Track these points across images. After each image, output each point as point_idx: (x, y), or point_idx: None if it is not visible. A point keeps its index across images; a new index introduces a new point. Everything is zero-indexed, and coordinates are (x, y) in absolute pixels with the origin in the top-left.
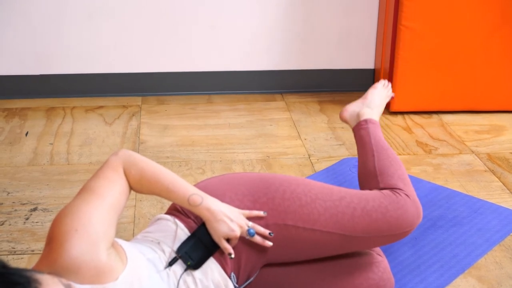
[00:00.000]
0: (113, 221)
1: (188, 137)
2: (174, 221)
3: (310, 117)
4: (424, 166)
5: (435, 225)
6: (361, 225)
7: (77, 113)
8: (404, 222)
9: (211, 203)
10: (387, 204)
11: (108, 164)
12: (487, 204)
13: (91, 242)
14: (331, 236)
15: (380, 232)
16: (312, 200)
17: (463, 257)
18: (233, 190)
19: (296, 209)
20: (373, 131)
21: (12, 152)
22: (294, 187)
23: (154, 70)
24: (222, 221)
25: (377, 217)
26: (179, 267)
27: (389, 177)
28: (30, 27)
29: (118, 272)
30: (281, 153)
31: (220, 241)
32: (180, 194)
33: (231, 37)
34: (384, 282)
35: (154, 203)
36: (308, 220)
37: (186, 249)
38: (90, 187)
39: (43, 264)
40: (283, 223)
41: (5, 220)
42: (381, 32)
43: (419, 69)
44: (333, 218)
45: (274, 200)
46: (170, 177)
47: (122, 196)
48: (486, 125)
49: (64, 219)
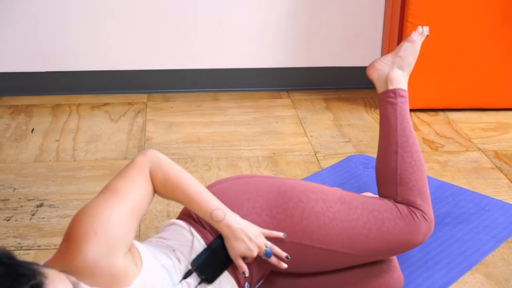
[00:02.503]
0: (134, 225)
1: (194, 134)
2: (190, 231)
3: (316, 115)
4: (431, 163)
5: (442, 222)
6: (374, 246)
7: (83, 110)
8: (414, 242)
9: (233, 220)
10: (402, 227)
11: (135, 164)
12: (494, 201)
13: (109, 247)
14: (344, 255)
15: (390, 251)
16: (330, 221)
17: (470, 253)
18: (251, 202)
19: (314, 230)
20: (400, 111)
21: (18, 149)
22: (312, 204)
23: (160, 67)
24: (242, 240)
25: (391, 239)
26: (193, 279)
27: (409, 190)
28: (36, 24)
29: (132, 278)
30: (287, 150)
31: (237, 259)
32: (204, 207)
33: (237, 34)
34: (393, 280)
35: (160, 199)
36: (324, 241)
37: (201, 261)
38: (114, 187)
39: (58, 261)
40: (300, 242)
41: (11, 215)
42: (387, 29)
43: (426, 67)
44: (349, 239)
45: (292, 218)
46: (194, 187)
47: (145, 200)
48: (492, 122)
49: (85, 218)
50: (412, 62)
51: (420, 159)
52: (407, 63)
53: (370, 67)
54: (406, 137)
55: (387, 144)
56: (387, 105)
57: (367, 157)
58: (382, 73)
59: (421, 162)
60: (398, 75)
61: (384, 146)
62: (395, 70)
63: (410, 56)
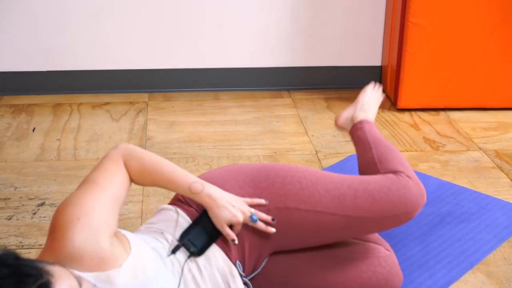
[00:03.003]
0: (115, 211)
1: (195, 133)
2: (176, 210)
3: (317, 114)
4: (432, 163)
5: (443, 221)
6: (364, 205)
7: (84, 109)
8: (408, 201)
9: (213, 190)
10: (390, 185)
11: (109, 157)
12: (495, 201)
13: (93, 230)
14: (334, 218)
15: (384, 212)
16: (312, 183)
17: (471, 253)
18: (234, 178)
19: (297, 192)
20: (369, 129)
21: (20, 148)
22: (294, 172)
23: (161, 67)
24: (224, 207)
25: (380, 197)
26: (182, 254)
27: (388, 162)
28: (37, 24)
29: (121, 259)
30: (288, 149)
31: (223, 227)
32: (181, 183)
33: (238, 34)
34: (392, 277)
35: (161, 198)
36: (309, 202)
37: (189, 236)
38: (91, 179)
39: (47, 253)
40: (284, 206)
41: (12, 214)
42: (388, 29)
43: (427, 66)
44: (335, 199)
45: (274, 184)
46: (170, 167)
47: (122, 188)
48: (493, 122)
49: (66, 209)
50: (372, 106)
51: (394, 147)
52: (368, 106)
53: (336, 118)
54: (379, 140)
55: (363, 151)
56: (356, 132)
57: None
58: (347, 117)
59: (395, 149)
60: (361, 114)
61: (361, 154)
62: (358, 112)
63: (369, 101)
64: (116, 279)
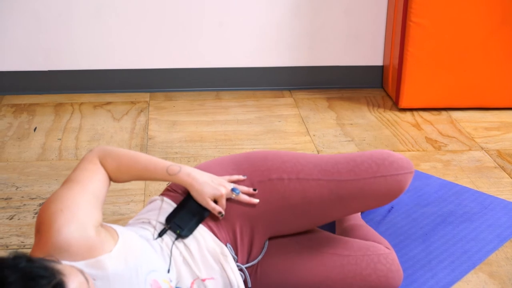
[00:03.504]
0: (97, 206)
1: (197, 133)
2: (162, 198)
3: (319, 114)
4: (434, 163)
5: (446, 221)
6: (346, 168)
7: (85, 109)
8: (393, 163)
9: (191, 170)
10: (372, 152)
11: (85, 159)
12: (497, 200)
13: (77, 220)
14: (319, 184)
15: (368, 174)
16: (293, 157)
17: (474, 252)
18: (218, 164)
19: (279, 166)
20: None
21: (21, 148)
22: (275, 152)
23: (162, 66)
24: (205, 183)
25: (363, 159)
26: (170, 237)
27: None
28: (39, 23)
29: (110, 245)
30: (290, 149)
31: (207, 202)
32: (158, 169)
33: (239, 33)
34: (392, 274)
35: None
36: (291, 171)
37: (174, 219)
38: (71, 178)
39: (36, 249)
40: (268, 178)
41: (14, 214)
42: (390, 28)
43: (428, 66)
44: (317, 167)
45: (256, 162)
46: (146, 157)
47: (102, 184)
48: (495, 122)
49: (49, 205)
50: None
51: None
52: None
53: None
54: None
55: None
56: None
57: None
58: None
59: None
60: None
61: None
62: None
63: None
64: (106, 264)
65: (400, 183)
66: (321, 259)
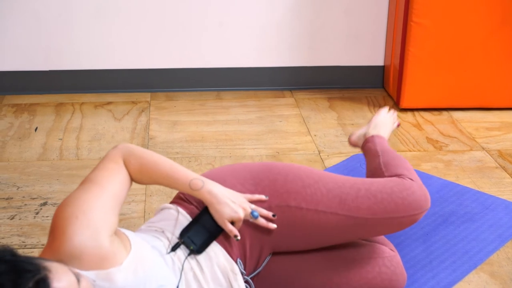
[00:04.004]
0: (115, 210)
1: (198, 133)
2: (176, 209)
3: (320, 114)
4: (435, 163)
5: (447, 221)
6: (366, 205)
7: (86, 109)
8: (411, 203)
9: (212, 186)
10: (393, 186)
11: (108, 156)
12: (498, 201)
13: (92, 228)
14: (336, 217)
15: (386, 213)
16: (314, 181)
17: (475, 253)
18: (235, 175)
19: (299, 190)
20: (379, 142)
21: (22, 147)
22: (295, 170)
23: (163, 66)
24: (225, 203)
25: (383, 197)
26: (182, 252)
27: (394, 167)
28: (39, 23)
29: (122, 258)
30: (291, 149)
31: (225, 224)
32: (181, 180)
33: (240, 33)
34: (396, 277)
35: (164, 197)
36: (311, 200)
37: (189, 234)
38: (90, 178)
39: (47, 253)
40: (286, 204)
41: (15, 214)
42: (391, 28)
43: (429, 66)
44: (336, 198)
45: (276, 182)
46: (169, 165)
47: (123, 186)
48: (496, 122)
49: (65, 208)
50: (385, 127)
51: (402, 157)
52: (381, 126)
53: (350, 136)
54: (387, 150)
55: (371, 159)
56: (367, 144)
57: None
58: (360, 134)
59: (402, 157)
60: (374, 131)
61: (369, 162)
62: (371, 130)
63: (382, 121)
64: (116, 277)
65: (414, 221)
66: (325, 261)
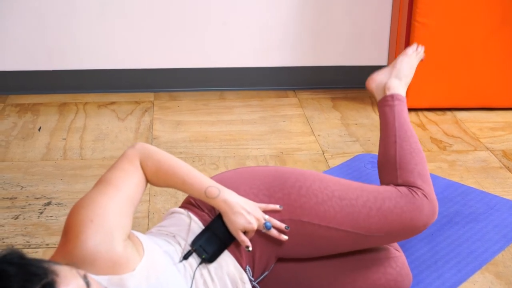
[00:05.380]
0: (129, 212)
1: (201, 132)
2: (188, 215)
3: (323, 114)
4: (439, 163)
5: (452, 222)
6: (376, 225)
7: (89, 108)
8: (418, 222)
9: (228, 195)
10: (403, 205)
11: (125, 156)
12: (503, 201)
13: (106, 233)
14: (346, 234)
15: (394, 231)
16: (328, 198)
17: (480, 253)
18: (248, 184)
19: (312, 206)
20: (398, 111)
21: (25, 147)
22: (310, 183)
23: (167, 66)
24: (239, 213)
25: (392, 218)
26: (194, 260)
27: (409, 172)
28: (43, 22)
29: (135, 263)
30: (295, 149)
31: (238, 233)
32: (197, 186)
33: (243, 33)
34: (402, 278)
35: (168, 198)
36: (324, 217)
37: (201, 242)
38: (106, 179)
39: (60, 255)
40: (299, 219)
41: (19, 214)
42: (395, 28)
43: (433, 66)
44: (349, 216)
45: (290, 196)
46: (186, 169)
47: (138, 188)
48: (500, 122)
49: (80, 210)
50: (408, 74)
51: (419, 147)
52: (404, 74)
53: (369, 79)
54: (404, 130)
55: (386, 137)
56: (385, 108)
57: (374, 156)
58: (380, 82)
59: (419, 149)
60: (395, 83)
61: (384, 140)
62: (392, 79)
63: (406, 67)
64: (128, 282)
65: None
66: (331, 262)
